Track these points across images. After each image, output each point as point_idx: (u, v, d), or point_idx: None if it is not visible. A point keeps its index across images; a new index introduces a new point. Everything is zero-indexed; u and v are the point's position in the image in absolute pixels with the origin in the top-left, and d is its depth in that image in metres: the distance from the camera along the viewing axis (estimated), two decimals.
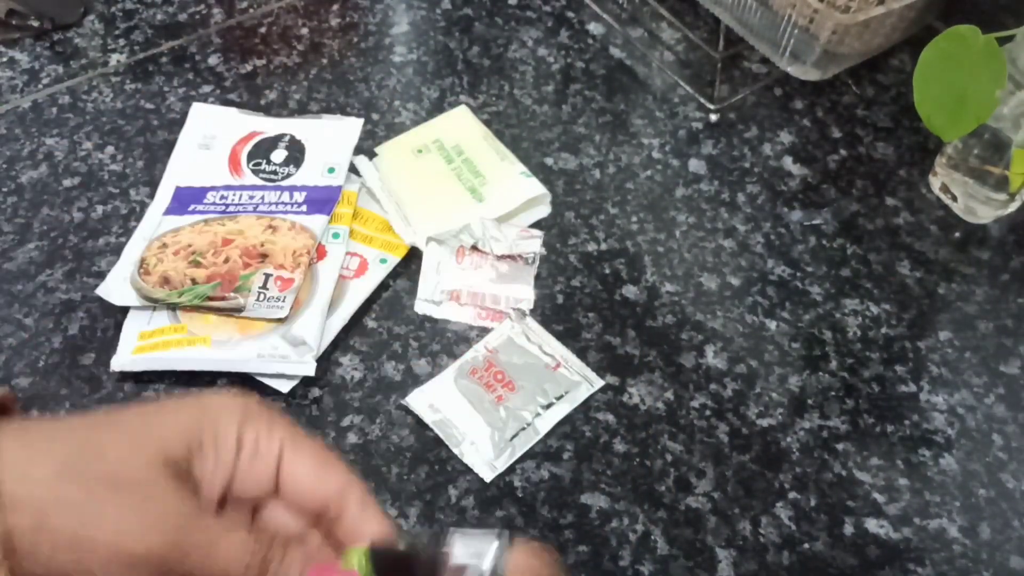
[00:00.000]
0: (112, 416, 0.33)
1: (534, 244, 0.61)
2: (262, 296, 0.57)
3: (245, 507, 0.35)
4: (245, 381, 0.56)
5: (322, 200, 0.62)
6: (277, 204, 0.62)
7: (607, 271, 0.62)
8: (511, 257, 0.61)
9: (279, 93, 0.72)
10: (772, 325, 0.60)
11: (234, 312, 0.57)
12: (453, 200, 0.63)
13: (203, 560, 0.31)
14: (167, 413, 0.34)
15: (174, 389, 0.56)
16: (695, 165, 0.69)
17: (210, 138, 0.67)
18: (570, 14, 0.79)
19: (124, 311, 0.58)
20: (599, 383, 0.56)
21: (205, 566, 0.32)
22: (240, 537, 0.33)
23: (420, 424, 0.55)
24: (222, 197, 0.63)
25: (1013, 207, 0.64)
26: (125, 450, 0.32)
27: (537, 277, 0.61)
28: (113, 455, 0.31)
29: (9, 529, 0.30)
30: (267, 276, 0.58)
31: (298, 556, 0.34)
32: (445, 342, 0.59)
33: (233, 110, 0.69)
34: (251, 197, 0.63)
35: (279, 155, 0.66)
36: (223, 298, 0.57)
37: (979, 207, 0.64)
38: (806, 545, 0.51)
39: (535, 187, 0.64)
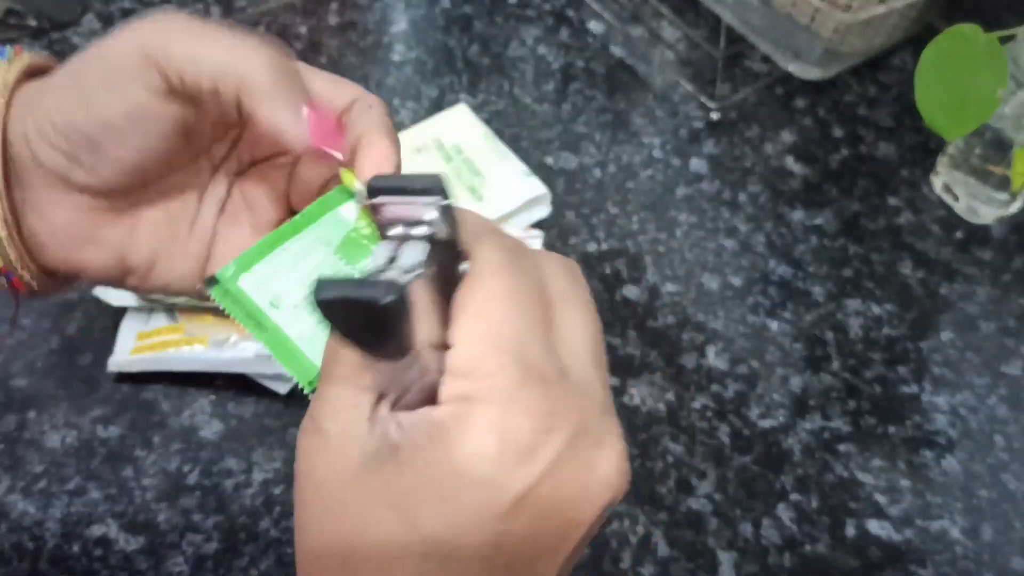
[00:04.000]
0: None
1: (535, 244, 0.61)
2: None
3: None
4: (243, 382, 0.56)
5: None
6: None
7: (608, 271, 0.62)
8: None
9: None
10: (774, 325, 0.60)
11: None
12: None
13: (190, 44, 0.31)
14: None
15: (172, 390, 0.56)
16: (696, 164, 0.68)
17: None
18: (570, 12, 0.79)
19: (121, 311, 0.58)
20: None
21: (188, 47, 0.31)
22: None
23: None
24: None
25: (1015, 207, 0.64)
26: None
27: None
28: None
29: (23, 128, 0.31)
30: None
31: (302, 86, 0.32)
32: None
33: None
34: None
35: None
36: None
37: (981, 207, 0.64)
38: (808, 547, 0.51)
39: (535, 187, 0.64)
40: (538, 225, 0.64)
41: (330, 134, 0.32)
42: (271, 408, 0.56)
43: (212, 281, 0.32)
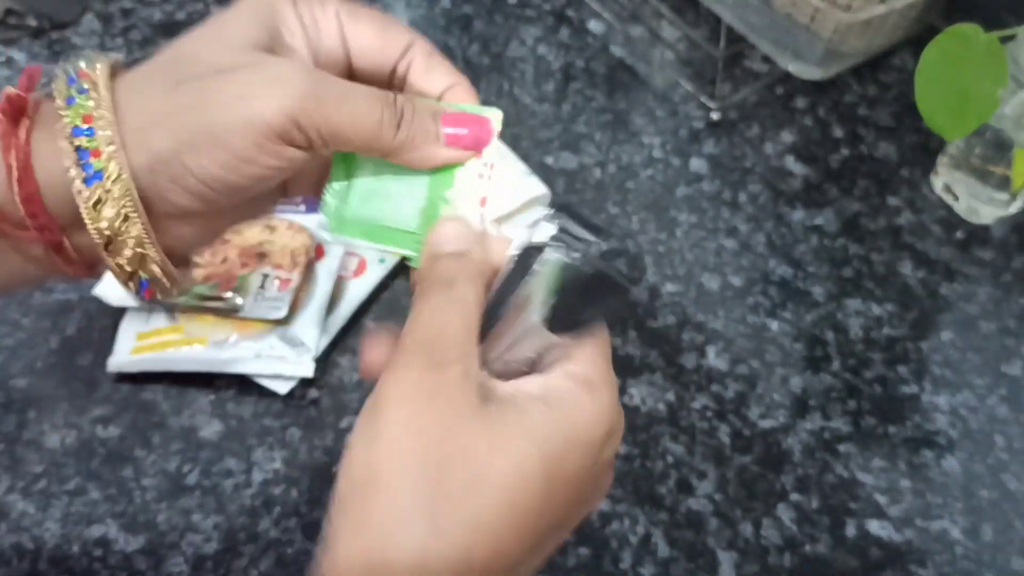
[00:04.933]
0: (185, 39, 0.33)
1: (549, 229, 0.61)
2: (260, 296, 0.57)
3: None
4: (243, 382, 0.56)
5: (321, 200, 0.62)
6: None
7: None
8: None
9: None
10: (774, 325, 0.60)
11: (232, 312, 0.56)
12: None
13: (336, 112, 0.31)
14: (230, 20, 0.33)
15: (171, 390, 0.56)
16: (696, 164, 0.68)
17: None
18: (570, 12, 0.78)
19: (121, 311, 0.58)
20: None
21: (338, 119, 0.31)
22: (368, 89, 0.32)
23: None
24: None
25: (1015, 207, 0.64)
26: (216, 49, 0.32)
27: None
28: (209, 56, 0.32)
29: (139, 175, 0.31)
30: (265, 276, 0.57)
31: (429, 105, 0.34)
32: None
33: None
34: None
35: None
36: (221, 298, 0.56)
37: (981, 207, 0.64)
38: (808, 547, 0.51)
39: (535, 186, 0.64)
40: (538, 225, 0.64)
41: (465, 131, 0.34)
42: (271, 408, 0.56)
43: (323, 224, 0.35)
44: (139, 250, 0.32)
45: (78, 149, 0.30)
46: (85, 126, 0.30)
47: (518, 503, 0.28)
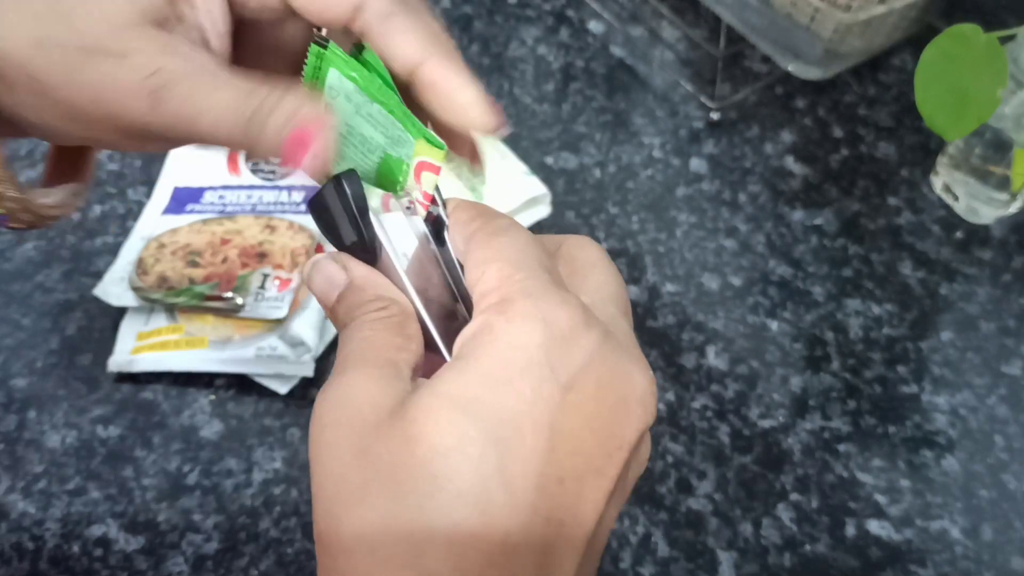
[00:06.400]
0: None
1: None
2: (260, 296, 0.57)
3: (262, 42, 0.31)
4: (243, 382, 0.56)
5: None
6: (275, 204, 0.62)
7: None
8: None
9: None
10: (773, 325, 0.60)
11: (232, 312, 0.56)
12: None
13: (193, 120, 0.28)
14: None
15: (172, 389, 0.56)
16: (696, 164, 0.68)
17: None
18: (570, 12, 0.78)
19: (121, 311, 0.58)
20: None
21: (197, 126, 0.28)
22: (233, 90, 0.28)
23: None
24: (220, 197, 0.62)
25: (1015, 207, 0.64)
26: (96, 11, 0.28)
27: None
28: (84, 20, 0.28)
29: None
30: (265, 276, 0.57)
31: (287, 110, 0.28)
32: None
33: None
34: (249, 197, 0.62)
35: None
36: (221, 298, 0.56)
37: (981, 207, 0.64)
38: (808, 547, 0.51)
39: (535, 186, 0.64)
40: (538, 225, 0.64)
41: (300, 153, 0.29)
42: (271, 408, 0.56)
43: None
44: None
45: None
46: None
47: (458, 479, 0.24)
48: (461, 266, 0.30)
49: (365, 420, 0.25)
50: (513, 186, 0.64)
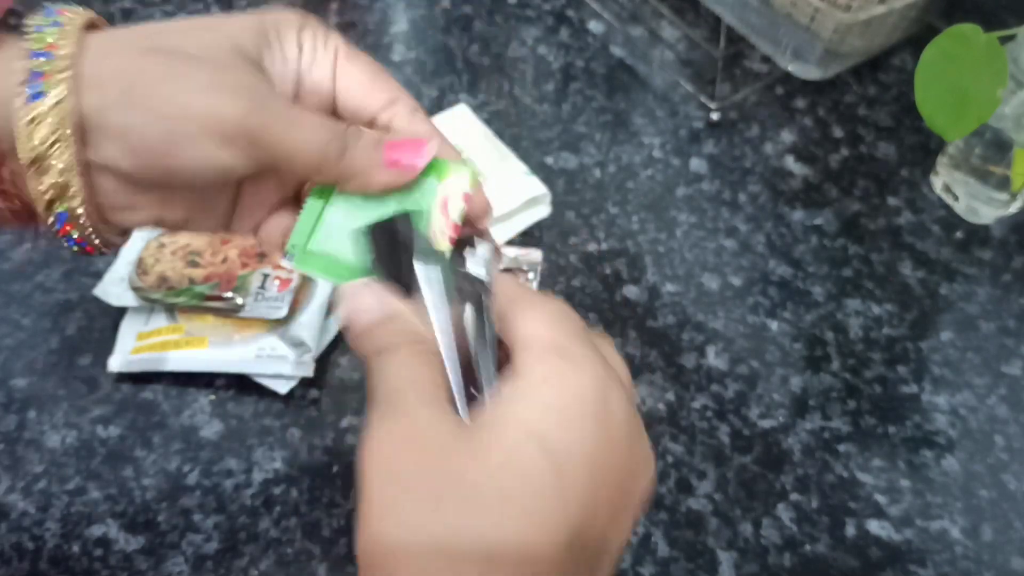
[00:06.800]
0: (182, 20, 0.35)
1: (534, 255, 0.61)
2: (260, 296, 0.57)
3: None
4: (243, 382, 0.56)
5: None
6: None
7: (608, 271, 0.62)
8: (509, 271, 0.61)
9: None
10: (773, 325, 0.60)
11: (232, 312, 0.56)
12: None
13: (284, 134, 0.32)
14: (232, 18, 0.34)
15: (172, 389, 0.56)
16: (696, 164, 0.68)
17: None
18: (570, 13, 0.79)
19: (121, 311, 0.58)
20: None
21: (285, 141, 0.32)
22: (320, 118, 0.34)
23: None
24: None
25: (1015, 207, 0.64)
26: (201, 37, 0.33)
27: None
28: (190, 40, 0.33)
29: (84, 112, 0.31)
30: (265, 276, 0.57)
31: (373, 135, 0.35)
32: None
33: None
34: None
35: None
36: (221, 298, 0.56)
37: (981, 207, 0.64)
38: (807, 547, 0.51)
39: (535, 187, 0.64)
40: (538, 225, 0.64)
41: (404, 154, 0.35)
42: (271, 408, 0.56)
43: (288, 257, 0.36)
44: (64, 179, 0.32)
45: (32, 72, 0.31)
46: (46, 50, 0.31)
47: (526, 499, 0.27)
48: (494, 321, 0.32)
49: (439, 448, 0.28)
50: (513, 186, 0.64)
